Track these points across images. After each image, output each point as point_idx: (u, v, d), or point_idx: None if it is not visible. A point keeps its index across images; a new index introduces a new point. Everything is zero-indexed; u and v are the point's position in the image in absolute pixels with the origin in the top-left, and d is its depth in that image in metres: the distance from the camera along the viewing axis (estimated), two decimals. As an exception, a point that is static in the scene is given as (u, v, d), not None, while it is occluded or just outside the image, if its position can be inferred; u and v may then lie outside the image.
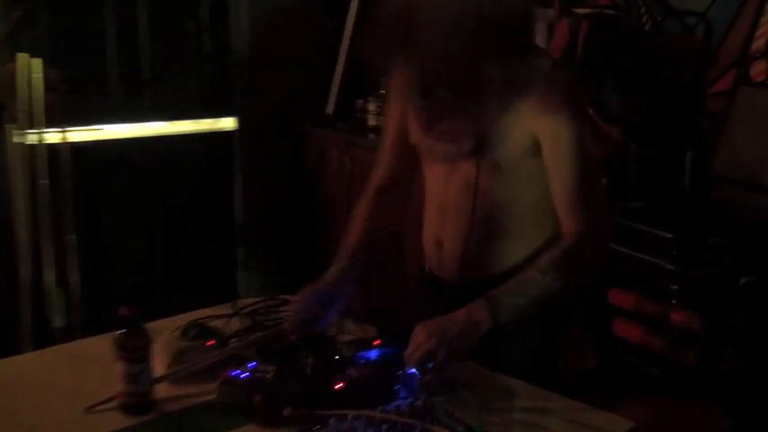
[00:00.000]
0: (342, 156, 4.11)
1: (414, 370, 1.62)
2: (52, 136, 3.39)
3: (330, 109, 4.34)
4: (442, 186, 1.92)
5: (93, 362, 1.79)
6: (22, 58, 3.23)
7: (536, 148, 1.76)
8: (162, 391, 1.66)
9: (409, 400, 1.55)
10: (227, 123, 4.27)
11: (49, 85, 3.31)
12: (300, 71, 4.37)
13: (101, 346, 1.76)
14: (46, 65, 3.27)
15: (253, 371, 1.64)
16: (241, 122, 4.28)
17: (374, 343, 1.77)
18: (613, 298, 2.84)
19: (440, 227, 1.95)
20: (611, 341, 2.84)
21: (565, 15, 3.38)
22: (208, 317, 1.97)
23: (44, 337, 3.35)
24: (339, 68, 4.30)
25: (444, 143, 1.83)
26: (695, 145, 3.09)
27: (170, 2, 4.07)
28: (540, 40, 3.43)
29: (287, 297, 2.11)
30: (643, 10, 3.38)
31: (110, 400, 1.60)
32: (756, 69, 3.03)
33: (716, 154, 3.05)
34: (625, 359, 2.82)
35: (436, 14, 1.60)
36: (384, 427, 1.44)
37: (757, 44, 3.04)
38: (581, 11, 3.44)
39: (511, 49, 1.66)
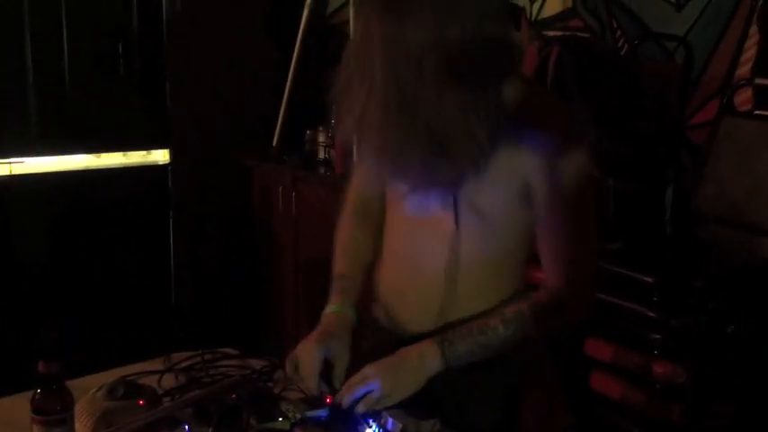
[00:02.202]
0: (288, 193, 4.10)
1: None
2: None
3: (275, 140, 4.33)
4: (408, 232, 1.89)
5: (3, 427, 1.74)
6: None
7: (526, 194, 1.72)
8: (84, 458, 1.62)
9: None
10: (160, 156, 4.25)
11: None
12: (242, 99, 4.36)
13: (13, 408, 1.72)
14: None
15: (188, 434, 1.61)
16: (175, 155, 4.26)
17: (326, 401, 1.75)
18: (590, 349, 2.83)
19: (403, 274, 1.92)
20: (587, 396, 2.83)
21: (533, 39, 3.41)
22: (137, 373, 1.94)
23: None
24: (285, 96, 4.29)
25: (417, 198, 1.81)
26: (676, 180, 3.12)
27: (96, 21, 4.04)
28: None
29: (227, 351, 2.08)
30: (619, 33, 3.44)
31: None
32: (741, 98, 3.06)
33: (699, 190, 3.08)
34: (604, 416, 2.82)
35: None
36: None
37: (742, 70, 3.08)
38: (551, 34, 3.49)
39: (492, 84, 1.54)
